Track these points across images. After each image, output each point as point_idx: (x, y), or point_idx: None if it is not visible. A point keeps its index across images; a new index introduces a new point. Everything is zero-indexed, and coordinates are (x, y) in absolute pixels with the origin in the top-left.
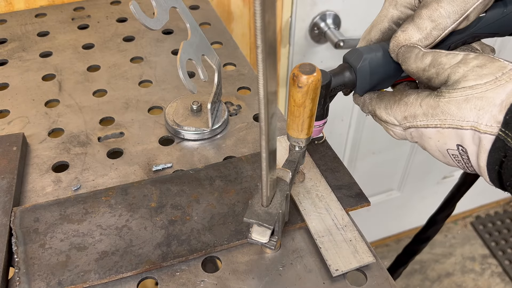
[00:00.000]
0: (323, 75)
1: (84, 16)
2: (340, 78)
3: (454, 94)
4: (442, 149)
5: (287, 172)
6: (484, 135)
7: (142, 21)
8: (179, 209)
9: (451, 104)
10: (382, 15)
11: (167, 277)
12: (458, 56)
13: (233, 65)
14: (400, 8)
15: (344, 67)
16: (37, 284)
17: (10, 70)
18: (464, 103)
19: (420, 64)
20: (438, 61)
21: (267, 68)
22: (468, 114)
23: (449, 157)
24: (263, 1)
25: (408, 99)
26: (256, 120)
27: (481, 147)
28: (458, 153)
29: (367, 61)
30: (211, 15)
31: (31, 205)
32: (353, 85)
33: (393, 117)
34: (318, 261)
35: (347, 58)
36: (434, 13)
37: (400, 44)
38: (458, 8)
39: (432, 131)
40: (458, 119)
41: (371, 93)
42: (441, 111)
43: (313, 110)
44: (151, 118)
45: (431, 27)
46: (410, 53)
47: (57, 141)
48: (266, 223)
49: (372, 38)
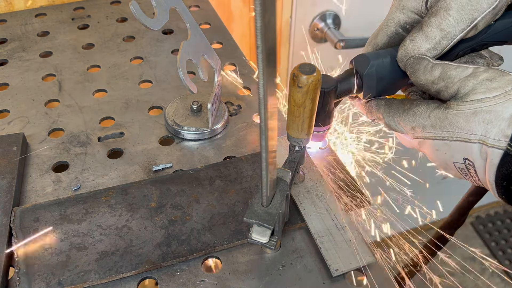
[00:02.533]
0: (330, 81)
1: (84, 16)
2: (346, 84)
3: (463, 107)
4: (449, 162)
5: (287, 172)
6: (492, 149)
7: (142, 21)
8: (179, 209)
9: (459, 117)
10: (388, 19)
11: (167, 277)
12: (468, 70)
13: (233, 65)
14: (407, 13)
15: (351, 73)
16: (37, 284)
17: (10, 70)
18: (472, 116)
19: (429, 76)
20: (447, 74)
21: (267, 68)
22: (476, 127)
23: (455, 170)
24: (263, 1)
25: (417, 110)
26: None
27: (488, 161)
28: (464, 167)
29: (374, 67)
30: (211, 15)
31: (31, 205)
32: (360, 91)
33: (401, 126)
34: (318, 261)
35: (354, 63)
36: (443, 21)
37: (409, 54)
38: (466, 16)
39: (439, 143)
40: (466, 132)
41: (378, 99)
42: (449, 124)
43: (313, 110)
44: (151, 118)
45: (440, 36)
46: (418, 65)
47: (57, 141)
48: (266, 223)
49: (378, 42)
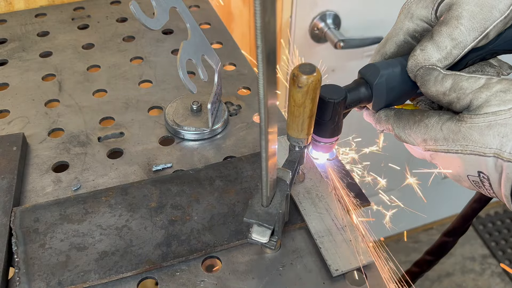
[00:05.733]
0: (339, 92)
1: (84, 16)
2: (355, 94)
3: (477, 119)
4: (462, 175)
5: (287, 172)
6: (508, 163)
7: (142, 21)
8: (179, 209)
9: (473, 130)
10: (397, 27)
11: (167, 277)
12: (480, 80)
13: (233, 65)
14: (416, 21)
15: (360, 83)
16: (37, 284)
17: (10, 70)
18: (486, 130)
19: (440, 87)
20: (459, 86)
21: (267, 68)
22: (491, 141)
23: (469, 182)
24: (263, 1)
25: (428, 121)
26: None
27: (504, 175)
28: (479, 180)
29: (384, 77)
30: (211, 15)
31: (31, 205)
32: (369, 101)
33: (412, 138)
34: (318, 261)
35: (363, 73)
36: (455, 31)
37: (419, 65)
38: (478, 25)
39: (452, 156)
40: (480, 146)
41: (387, 110)
42: (462, 137)
43: (313, 110)
44: (151, 118)
45: (451, 46)
46: (429, 76)
47: (57, 141)
48: (266, 223)
49: (387, 51)
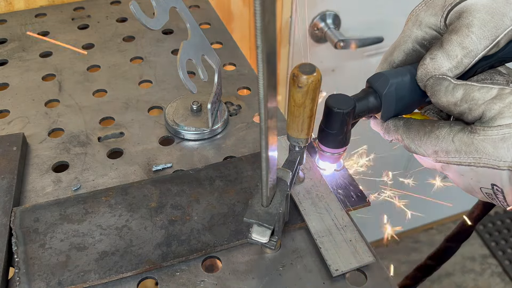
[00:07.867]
0: (348, 101)
1: (84, 16)
2: (364, 104)
3: (490, 132)
4: (475, 187)
5: (287, 172)
6: None
7: (142, 21)
8: (179, 209)
9: (486, 143)
10: (405, 35)
11: (167, 277)
12: (492, 91)
13: (233, 65)
14: (425, 29)
15: (368, 92)
16: (37, 284)
17: (10, 70)
18: (500, 142)
19: (451, 98)
20: (470, 96)
21: (267, 68)
22: (505, 154)
23: (481, 194)
24: (263, 1)
25: (439, 132)
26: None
27: None
28: (492, 192)
29: (394, 87)
30: (211, 15)
31: (31, 205)
32: (378, 110)
33: (422, 149)
34: (318, 261)
35: (372, 82)
36: (465, 39)
37: (429, 74)
38: (489, 34)
39: (465, 169)
40: (494, 159)
41: (396, 119)
42: (475, 149)
43: (313, 110)
44: (151, 118)
45: (462, 54)
46: (439, 86)
47: (57, 141)
48: (266, 223)
49: (395, 59)
